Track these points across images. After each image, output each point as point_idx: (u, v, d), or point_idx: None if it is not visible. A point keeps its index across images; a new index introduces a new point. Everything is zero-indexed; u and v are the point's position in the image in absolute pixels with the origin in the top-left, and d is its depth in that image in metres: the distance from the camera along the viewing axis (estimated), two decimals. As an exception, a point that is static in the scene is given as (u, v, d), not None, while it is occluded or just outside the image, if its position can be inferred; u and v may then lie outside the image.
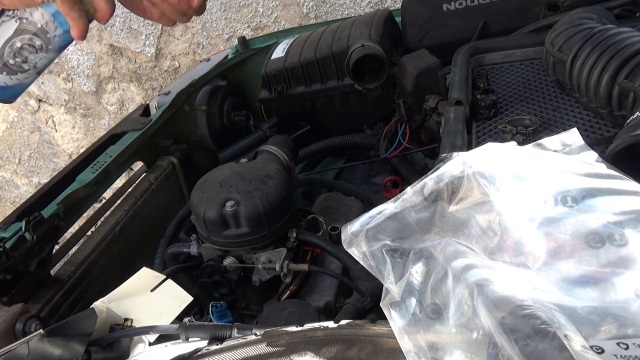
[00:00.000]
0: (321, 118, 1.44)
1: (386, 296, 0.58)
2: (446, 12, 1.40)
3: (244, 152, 1.47)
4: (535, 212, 0.56)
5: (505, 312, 0.46)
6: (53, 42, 0.86)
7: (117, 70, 3.11)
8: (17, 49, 0.85)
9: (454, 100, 0.97)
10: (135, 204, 1.17)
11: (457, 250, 0.58)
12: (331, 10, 2.53)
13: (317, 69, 1.36)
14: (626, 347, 0.44)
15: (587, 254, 0.52)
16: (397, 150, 1.27)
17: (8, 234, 0.90)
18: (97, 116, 3.37)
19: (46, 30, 0.84)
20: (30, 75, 0.89)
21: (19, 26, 0.84)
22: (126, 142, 1.21)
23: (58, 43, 0.87)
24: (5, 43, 0.84)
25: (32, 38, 0.84)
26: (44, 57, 0.87)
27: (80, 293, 0.99)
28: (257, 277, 0.97)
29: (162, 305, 0.77)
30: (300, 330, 0.60)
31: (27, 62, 0.86)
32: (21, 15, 0.83)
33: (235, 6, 2.66)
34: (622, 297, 0.49)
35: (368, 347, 0.56)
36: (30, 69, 0.87)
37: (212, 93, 1.50)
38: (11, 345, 0.65)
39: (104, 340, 0.71)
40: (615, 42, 0.84)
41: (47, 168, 3.70)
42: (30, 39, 0.84)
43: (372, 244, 0.63)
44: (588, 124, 0.89)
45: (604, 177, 0.59)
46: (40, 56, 0.87)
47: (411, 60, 1.21)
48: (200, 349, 0.63)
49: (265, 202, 0.94)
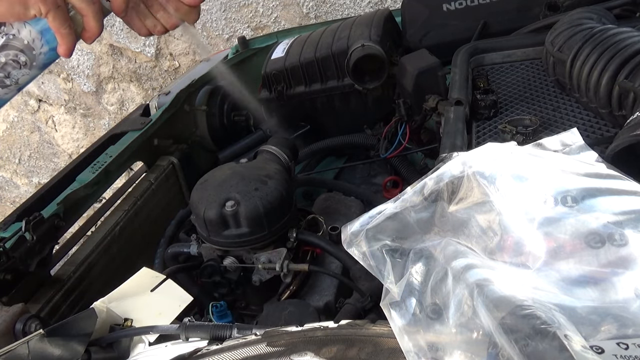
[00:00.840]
0: (321, 118, 1.44)
1: (386, 296, 0.58)
2: (446, 12, 1.40)
3: (244, 152, 1.47)
4: (535, 212, 0.56)
5: (505, 312, 0.46)
6: (38, 59, 0.85)
7: (117, 70, 3.11)
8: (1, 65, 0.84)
9: (454, 100, 0.97)
10: (135, 204, 1.17)
11: (457, 250, 0.58)
12: (331, 10, 2.53)
13: (317, 69, 1.36)
14: (626, 347, 0.44)
15: (587, 254, 0.52)
16: (397, 150, 1.27)
17: (8, 234, 0.90)
18: (97, 116, 3.37)
19: (32, 47, 0.83)
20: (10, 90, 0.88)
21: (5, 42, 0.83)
22: (126, 142, 1.21)
23: (43, 60, 0.86)
24: None
25: (18, 54, 0.83)
26: (26, 74, 0.86)
27: (80, 293, 0.99)
28: (257, 277, 0.97)
29: (162, 305, 0.77)
30: (300, 330, 0.60)
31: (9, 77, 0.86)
32: (8, 31, 0.82)
33: (235, 6, 2.66)
34: (622, 297, 0.49)
35: (368, 347, 0.56)
36: (11, 84, 0.87)
37: (212, 93, 1.50)
38: (11, 345, 0.65)
39: (104, 340, 0.71)
40: (615, 42, 0.84)
41: (47, 168, 3.70)
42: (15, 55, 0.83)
43: (372, 244, 0.63)
44: (588, 124, 0.89)
45: (604, 177, 0.59)
46: (24, 72, 0.86)
47: (411, 60, 1.21)
48: (200, 349, 0.63)
49: (265, 202, 0.94)
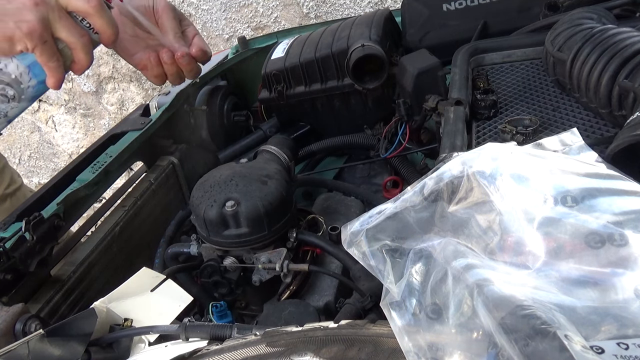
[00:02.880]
0: (321, 118, 1.44)
1: (386, 296, 0.58)
2: (446, 12, 1.40)
3: (244, 152, 1.47)
4: (535, 212, 0.56)
5: (505, 312, 0.46)
6: (26, 92, 0.85)
7: (117, 70, 3.11)
8: None
9: (454, 100, 0.97)
10: (135, 204, 1.17)
11: (457, 250, 0.58)
12: (331, 10, 2.53)
13: (317, 69, 1.36)
14: (626, 348, 0.44)
15: (587, 254, 0.52)
16: (397, 151, 1.27)
17: (8, 234, 0.90)
18: (97, 116, 3.37)
19: (20, 81, 0.83)
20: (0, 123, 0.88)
21: None
22: (126, 142, 1.21)
23: (31, 93, 0.86)
24: None
25: (5, 88, 0.83)
26: (15, 107, 0.86)
27: (80, 293, 0.99)
28: (257, 277, 0.97)
29: (162, 305, 0.77)
30: (300, 330, 0.60)
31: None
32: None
33: (235, 6, 2.66)
34: (622, 297, 0.49)
35: (368, 347, 0.56)
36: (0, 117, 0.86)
37: (212, 93, 1.50)
38: (11, 345, 0.65)
39: (104, 340, 0.71)
40: (615, 42, 0.84)
41: (47, 168, 3.71)
42: (3, 89, 0.83)
43: (372, 244, 0.63)
44: (588, 124, 0.89)
45: (604, 177, 0.59)
46: (12, 105, 0.86)
47: (411, 60, 1.21)
48: (200, 349, 0.63)
49: (265, 202, 0.94)
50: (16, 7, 0.74)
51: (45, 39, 0.77)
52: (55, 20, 0.77)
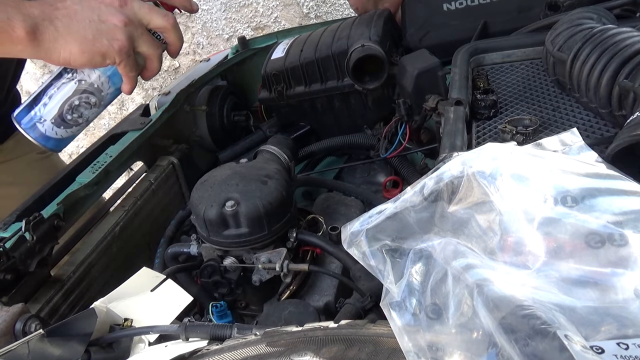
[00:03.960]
0: (321, 118, 1.44)
1: (386, 296, 0.58)
2: (446, 12, 1.40)
3: (244, 152, 1.47)
4: (535, 212, 0.56)
5: (505, 312, 0.46)
6: (105, 98, 0.98)
7: (117, 70, 3.10)
8: (75, 106, 0.96)
9: (454, 100, 0.97)
10: (135, 204, 1.17)
11: (457, 250, 0.58)
12: (331, 10, 2.53)
13: (317, 69, 1.36)
14: (626, 348, 0.44)
15: (587, 254, 0.52)
16: (397, 151, 1.27)
17: (8, 234, 0.90)
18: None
19: (101, 89, 0.96)
20: (82, 127, 1.01)
21: (78, 87, 0.95)
22: (126, 142, 1.21)
23: (108, 99, 0.99)
24: (65, 102, 0.96)
25: (89, 97, 0.96)
26: (95, 112, 1.00)
27: (80, 293, 0.99)
28: (257, 277, 0.97)
29: (162, 305, 0.77)
30: (300, 330, 0.60)
31: (82, 117, 0.98)
32: (80, 77, 0.94)
33: (236, 6, 2.66)
34: (622, 297, 0.49)
35: (368, 347, 0.56)
36: (83, 122, 0.99)
37: (212, 93, 1.50)
38: (11, 345, 0.65)
39: (104, 340, 0.71)
40: (615, 42, 0.84)
41: (47, 168, 3.69)
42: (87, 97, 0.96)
43: (372, 244, 0.63)
44: (588, 124, 0.89)
45: (604, 177, 0.59)
46: (93, 111, 0.99)
47: (411, 60, 1.21)
48: (200, 349, 0.63)
49: (265, 202, 0.94)
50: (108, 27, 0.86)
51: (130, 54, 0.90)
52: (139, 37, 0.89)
